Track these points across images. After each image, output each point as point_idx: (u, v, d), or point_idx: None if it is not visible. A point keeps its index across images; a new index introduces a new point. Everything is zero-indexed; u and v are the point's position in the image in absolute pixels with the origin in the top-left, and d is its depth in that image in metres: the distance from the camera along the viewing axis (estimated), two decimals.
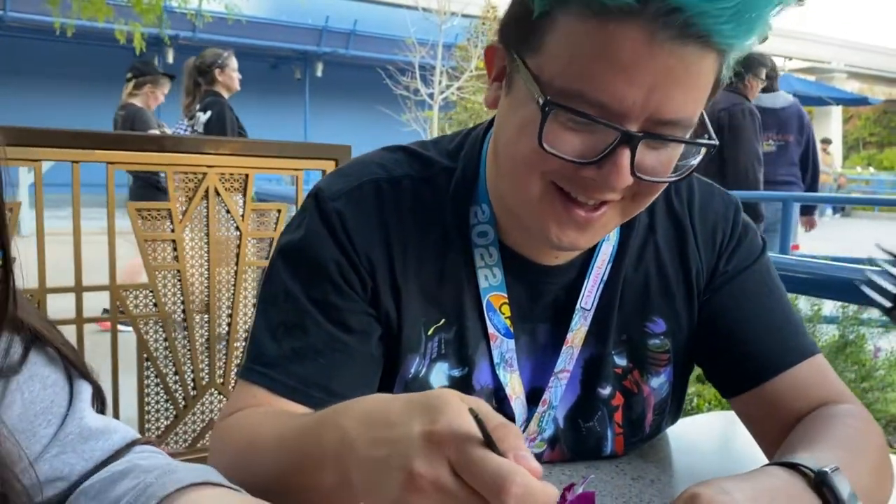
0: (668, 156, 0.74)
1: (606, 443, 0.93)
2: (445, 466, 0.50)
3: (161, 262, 1.59)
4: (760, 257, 0.93)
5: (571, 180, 0.73)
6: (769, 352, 0.87)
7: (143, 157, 1.59)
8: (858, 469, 0.70)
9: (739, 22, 0.65)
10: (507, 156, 0.79)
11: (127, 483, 0.64)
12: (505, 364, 0.87)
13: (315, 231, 0.84)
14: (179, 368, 1.64)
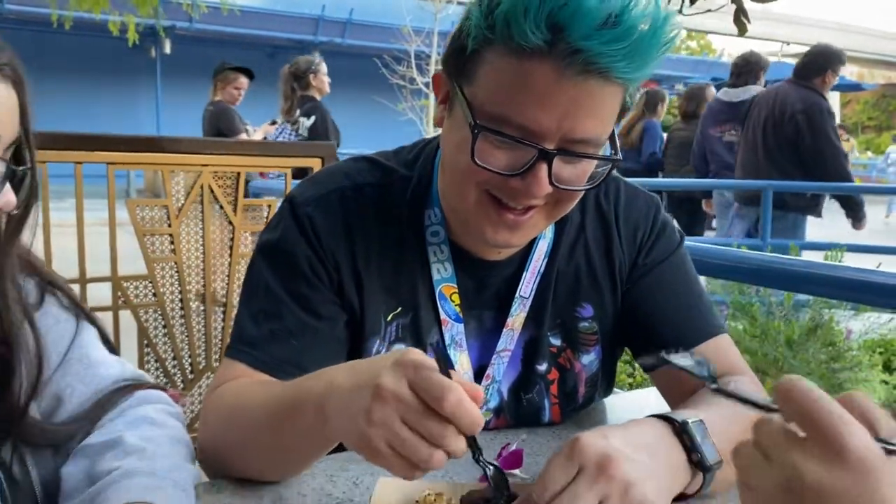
0: (581, 168, 0.88)
1: (544, 412, 1.07)
2: (405, 384, 0.67)
3: (159, 254, 1.71)
4: (676, 251, 1.07)
5: (501, 189, 0.87)
6: (678, 333, 1.02)
7: (141, 157, 1.71)
8: (729, 425, 0.84)
9: (631, 60, 0.79)
10: (449, 169, 0.94)
11: (108, 460, 0.77)
12: (455, 345, 1.01)
13: (289, 232, 0.99)
14: (178, 354, 1.77)
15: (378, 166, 1.05)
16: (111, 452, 0.77)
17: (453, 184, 0.94)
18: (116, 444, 0.78)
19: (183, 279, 1.75)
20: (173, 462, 0.79)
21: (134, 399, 0.87)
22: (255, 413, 0.85)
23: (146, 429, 0.82)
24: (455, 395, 0.65)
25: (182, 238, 1.74)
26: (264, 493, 0.86)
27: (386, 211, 1.01)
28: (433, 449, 0.66)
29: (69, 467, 0.79)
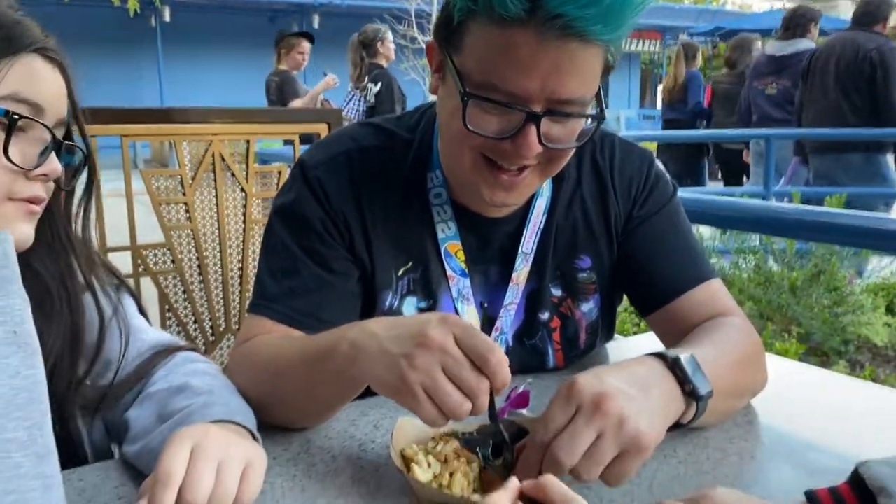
0: (569, 127, 0.92)
1: (548, 357, 1.14)
2: (451, 337, 0.73)
3: (175, 223, 1.78)
4: (669, 202, 1.13)
5: (494, 151, 0.93)
6: (671, 279, 1.08)
7: (153, 128, 1.77)
8: (719, 359, 0.91)
9: (606, 23, 0.84)
10: (445, 135, 1.00)
11: (180, 400, 0.85)
12: (462, 298, 1.08)
13: (302, 195, 1.06)
14: (198, 318, 1.84)
15: (382, 130, 1.11)
16: (181, 395, 0.85)
17: (450, 149, 0.99)
18: (185, 388, 0.86)
19: (199, 246, 1.81)
20: (239, 402, 0.87)
21: (179, 358, 0.95)
22: (285, 362, 0.92)
23: (207, 378, 0.90)
24: (499, 354, 0.72)
25: (196, 206, 1.80)
26: (293, 437, 0.94)
27: (390, 172, 1.07)
28: (465, 400, 0.72)
29: (135, 411, 0.87)
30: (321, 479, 0.84)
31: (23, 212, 0.79)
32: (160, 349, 0.96)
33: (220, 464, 0.68)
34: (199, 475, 0.66)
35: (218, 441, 0.70)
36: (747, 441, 0.95)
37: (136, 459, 0.83)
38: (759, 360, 1.04)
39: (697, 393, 0.82)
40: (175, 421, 0.81)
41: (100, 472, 0.85)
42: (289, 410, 0.94)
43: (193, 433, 0.69)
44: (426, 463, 0.79)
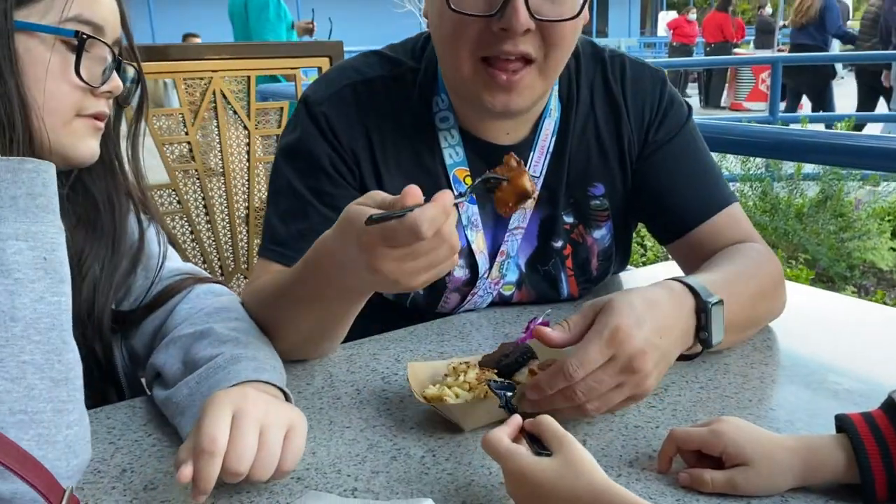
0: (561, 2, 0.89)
1: (562, 284, 1.14)
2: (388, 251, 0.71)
3: (179, 163, 1.75)
4: (685, 126, 1.10)
5: (487, 42, 0.89)
6: (691, 206, 1.06)
7: (153, 66, 1.72)
8: (741, 293, 0.92)
9: None
10: (440, 45, 0.97)
11: (205, 348, 0.84)
12: (471, 225, 1.07)
13: (307, 132, 1.03)
14: (207, 258, 1.83)
15: (386, 59, 1.08)
16: (205, 341, 0.84)
17: (448, 58, 0.96)
18: (209, 334, 0.85)
19: (204, 185, 1.79)
20: (267, 351, 0.86)
21: (203, 291, 0.94)
22: (285, 286, 0.91)
23: (230, 321, 0.89)
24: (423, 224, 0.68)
25: (200, 145, 1.77)
26: (316, 372, 0.95)
27: (397, 101, 1.05)
28: (443, 246, 0.72)
29: (161, 356, 0.86)
30: (347, 411, 0.85)
31: (90, 127, 0.81)
32: (181, 276, 0.96)
33: (263, 428, 0.67)
34: (243, 443, 0.64)
35: (258, 405, 0.68)
36: (767, 366, 0.96)
37: (163, 406, 0.83)
38: (779, 287, 1.04)
39: (708, 342, 0.83)
40: (201, 375, 0.80)
41: (127, 410, 0.86)
42: (300, 334, 0.92)
43: (233, 397, 0.68)
44: (454, 395, 0.80)
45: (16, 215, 0.63)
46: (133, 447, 0.78)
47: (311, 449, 0.77)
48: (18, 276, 0.62)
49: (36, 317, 0.63)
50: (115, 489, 0.70)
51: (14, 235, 0.63)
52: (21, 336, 0.62)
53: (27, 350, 0.62)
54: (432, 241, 0.71)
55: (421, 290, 1.09)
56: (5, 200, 0.63)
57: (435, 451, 0.76)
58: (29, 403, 0.61)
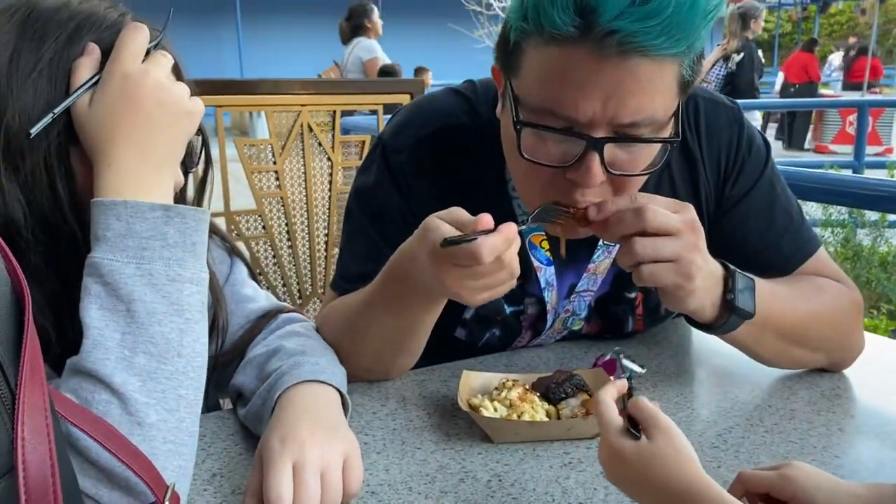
0: (638, 153, 0.85)
1: (627, 325, 1.16)
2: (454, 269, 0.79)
3: (266, 190, 1.85)
4: (763, 173, 1.05)
5: (558, 190, 0.86)
6: (774, 262, 1.03)
7: (246, 99, 1.84)
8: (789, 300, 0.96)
9: (670, 35, 0.75)
10: (511, 168, 0.96)
11: (275, 362, 0.91)
12: (549, 287, 1.08)
13: (382, 181, 1.05)
14: (287, 281, 1.92)
15: (469, 104, 1.05)
16: (275, 357, 0.91)
17: (519, 185, 0.96)
18: (279, 350, 0.92)
19: (288, 212, 1.89)
20: (331, 359, 0.93)
21: (280, 320, 1.01)
22: (358, 303, 0.96)
23: (301, 339, 0.95)
24: (483, 251, 0.75)
25: (286, 174, 1.87)
26: (389, 394, 1.00)
27: (476, 155, 1.03)
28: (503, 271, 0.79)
29: (240, 378, 0.93)
30: (418, 433, 0.89)
31: None
32: (264, 314, 1.02)
33: (323, 471, 0.71)
34: (307, 494, 0.69)
35: (313, 451, 0.72)
36: (835, 413, 0.96)
37: (245, 420, 0.90)
38: (850, 321, 1.02)
39: (734, 303, 0.88)
40: (269, 383, 0.86)
41: (217, 421, 0.93)
42: (373, 354, 0.97)
43: (291, 448, 0.72)
44: (492, 408, 0.86)
45: (194, 260, 0.71)
46: (222, 454, 0.85)
47: (384, 466, 0.81)
48: (188, 317, 0.70)
49: (194, 355, 0.70)
50: (207, 491, 0.77)
51: (191, 279, 0.70)
52: (182, 372, 0.69)
53: (185, 385, 0.69)
54: (492, 266, 0.77)
55: (497, 332, 1.13)
56: (188, 246, 0.70)
57: (501, 476, 0.80)
58: (178, 435, 0.68)
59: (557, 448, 0.85)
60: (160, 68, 0.74)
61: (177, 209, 0.70)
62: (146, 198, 0.70)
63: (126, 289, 0.67)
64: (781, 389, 1.02)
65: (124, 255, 0.68)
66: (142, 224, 0.69)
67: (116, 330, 0.66)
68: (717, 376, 1.11)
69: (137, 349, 0.67)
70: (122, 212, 0.69)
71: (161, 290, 0.68)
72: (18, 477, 0.47)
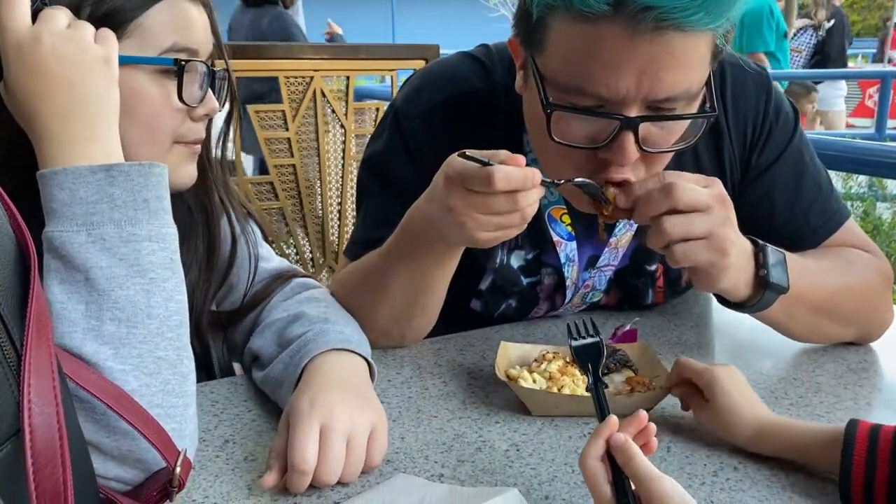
0: (672, 127, 0.82)
1: (647, 296, 1.14)
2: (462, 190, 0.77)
3: (279, 158, 1.83)
4: (791, 141, 1.01)
5: (590, 170, 0.83)
6: (802, 234, 1.00)
7: (258, 64, 1.81)
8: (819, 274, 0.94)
9: (709, 11, 0.71)
10: (537, 146, 0.92)
11: (297, 328, 0.89)
12: (570, 262, 1.06)
13: (394, 147, 1.02)
14: (299, 249, 1.91)
15: (484, 69, 1.02)
16: (297, 322, 0.89)
17: (546, 165, 0.89)
18: (301, 317, 0.90)
19: (300, 181, 1.86)
20: (354, 327, 0.91)
21: (295, 284, 0.99)
22: (373, 260, 0.95)
23: (321, 305, 0.94)
24: (497, 173, 0.73)
25: (298, 142, 1.84)
26: (405, 362, 0.98)
27: (491, 126, 0.98)
28: (518, 211, 0.76)
29: (257, 340, 0.92)
30: (434, 401, 0.87)
31: (188, 153, 0.83)
32: (278, 275, 1.01)
33: (349, 437, 0.71)
34: (331, 456, 0.69)
35: (342, 416, 0.72)
36: (862, 387, 0.93)
37: (262, 384, 0.88)
38: (880, 294, 1.00)
39: (767, 278, 0.85)
40: (293, 349, 0.85)
41: (229, 386, 0.91)
42: (390, 311, 0.95)
43: (321, 411, 0.72)
44: (531, 380, 0.84)
45: (148, 217, 0.67)
46: (234, 420, 0.83)
47: (400, 434, 0.80)
48: (153, 276, 0.66)
49: (168, 314, 0.67)
50: (219, 458, 0.75)
51: (148, 237, 0.67)
52: (156, 333, 0.66)
53: (161, 346, 0.66)
54: (505, 202, 0.75)
55: (513, 302, 1.10)
56: (139, 203, 0.67)
57: (519, 445, 0.78)
58: (165, 398, 0.66)
59: (577, 418, 0.83)
60: (53, 23, 0.69)
61: (119, 168, 0.66)
62: (85, 160, 0.67)
63: (80, 258, 0.64)
64: (806, 362, 1.00)
65: (73, 224, 0.64)
66: (85, 189, 0.65)
67: (80, 301, 0.64)
68: (740, 349, 1.08)
69: (104, 317, 0.64)
70: (63, 180, 0.65)
71: (116, 252, 0.65)
72: (25, 439, 0.45)
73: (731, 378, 0.78)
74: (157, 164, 0.69)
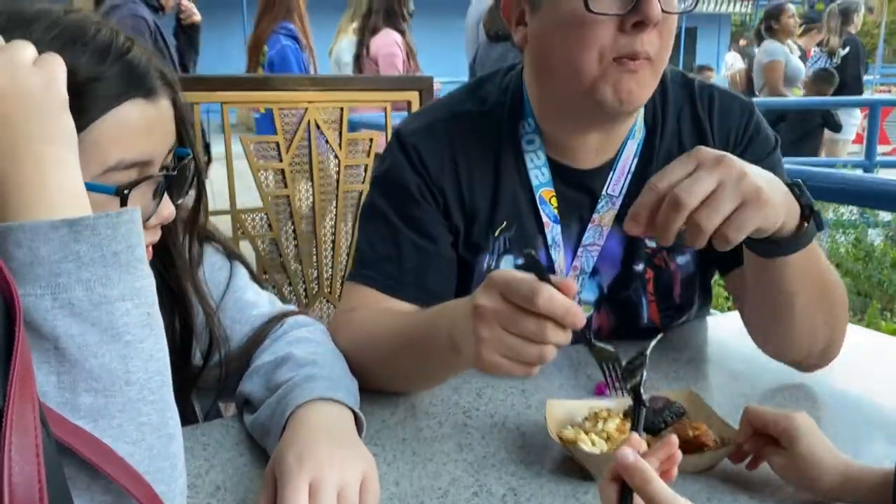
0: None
1: (642, 308, 1.13)
2: (497, 296, 0.73)
3: (272, 188, 1.82)
4: (769, 157, 1.08)
5: (620, 43, 0.91)
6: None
7: (253, 96, 1.81)
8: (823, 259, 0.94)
9: None
10: (563, 56, 0.97)
11: (285, 372, 0.86)
12: (555, 245, 1.09)
13: (398, 163, 1.08)
14: (293, 280, 1.89)
15: (476, 96, 1.13)
16: (285, 366, 0.87)
17: (571, 67, 0.95)
18: (288, 359, 0.88)
19: (295, 211, 1.86)
20: (342, 371, 0.89)
21: (287, 325, 0.97)
22: (391, 342, 0.93)
23: (310, 346, 0.92)
24: (544, 291, 0.70)
25: (292, 172, 1.84)
26: (399, 403, 0.96)
27: (485, 133, 1.09)
28: (540, 346, 0.72)
29: (247, 386, 0.90)
30: (429, 444, 0.86)
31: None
32: (270, 319, 0.99)
33: (340, 490, 0.68)
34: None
35: (332, 470, 0.70)
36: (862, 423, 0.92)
37: (251, 430, 0.87)
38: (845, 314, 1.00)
39: (810, 203, 0.86)
40: (279, 394, 0.83)
41: (221, 429, 0.90)
42: (394, 383, 0.97)
43: (309, 466, 0.70)
44: (590, 441, 0.79)
45: (120, 273, 0.60)
46: (226, 465, 0.81)
47: (394, 479, 0.78)
48: (129, 339, 0.60)
49: (148, 377, 0.62)
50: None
51: (121, 296, 0.60)
52: (137, 399, 0.61)
53: (144, 412, 0.61)
54: (533, 326, 0.71)
55: None
56: (109, 259, 0.60)
57: (516, 490, 0.76)
58: (151, 463, 0.61)
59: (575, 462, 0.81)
60: None
61: (84, 222, 0.59)
62: (41, 207, 0.59)
63: (48, 326, 0.57)
64: (805, 398, 0.99)
65: (36, 287, 0.57)
66: (47, 247, 0.57)
67: (50, 372, 0.57)
68: (737, 382, 1.06)
69: (78, 388, 0.58)
70: (21, 238, 0.57)
71: (87, 317, 0.58)
72: (4, 499, 0.44)
73: (809, 423, 0.73)
74: (125, 210, 0.62)
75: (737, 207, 0.76)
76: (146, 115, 0.73)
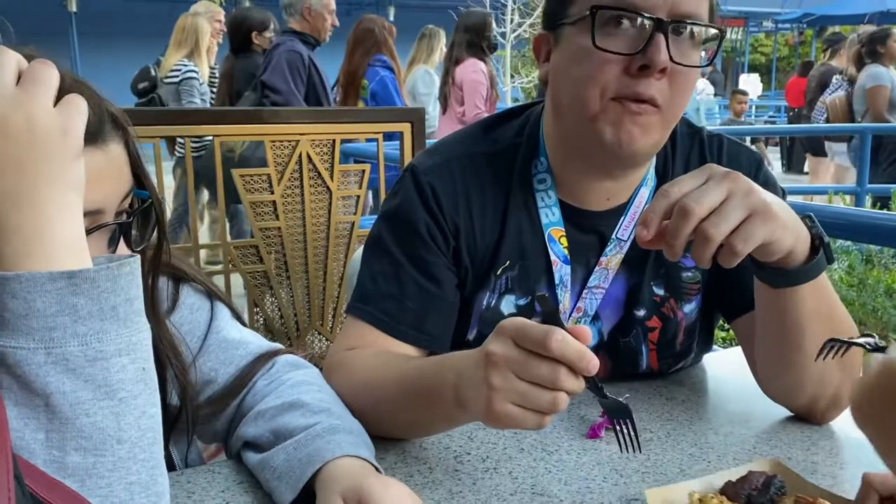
0: (690, 46, 0.95)
1: (641, 357, 1.12)
2: (510, 343, 0.73)
3: (264, 221, 1.82)
4: None
5: (624, 83, 0.93)
6: None
7: (244, 129, 1.81)
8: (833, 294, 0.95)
9: None
10: (570, 90, 0.99)
11: (296, 418, 0.84)
12: (563, 285, 1.07)
13: (410, 199, 1.06)
14: (285, 313, 1.88)
15: (490, 134, 1.12)
16: (297, 412, 0.85)
17: (577, 103, 0.97)
18: (299, 405, 0.86)
19: (285, 243, 1.85)
20: (358, 426, 0.86)
21: (279, 365, 0.95)
22: (388, 391, 0.92)
23: (314, 390, 0.90)
24: (557, 335, 0.69)
25: (284, 204, 1.83)
26: (389, 447, 0.94)
27: (496, 172, 1.08)
28: (552, 392, 0.71)
29: (250, 429, 0.87)
30: (419, 490, 0.84)
31: None
32: (258, 357, 0.97)
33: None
34: None
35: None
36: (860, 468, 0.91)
37: (256, 469, 0.84)
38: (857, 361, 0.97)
39: (821, 234, 0.87)
40: (298, 440, 0.80)
41: (206, 475, 0.88)
42: (389, 430, 0.95)
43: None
44: None
45: (117, 327, 0.59)
46: None
47: None
48: (123, 396, 0.59)
49: (140, 434, 0.60)
50: None
51: (118, 352, 0.58)
52: (128, 458, 0.59)
53: (133, 471, 0.59)
54: (546, 371, 0.70)
55: None
56: (106, 313, 0.58)
57: None
58: None
59: None
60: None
61: (84, 274, 0.57)
62: (38, 259, 0.57)
63: (40, 381, 0.55)
64: (801, 440, 0.98)
65: (29, 340, 0.55)
66: (44, 299, 0.55)
67: (38, 429, 0.55)
68: (733, 424, 1.05)
69: (67, 447, 0.56)
70: (17, 288, 0.55)
71: (81, 374, 0.56)
72: None
73: None
74: (126, 262, 0.60)
75: (745, 219, 0.78)
76: (94, 163, 0.70)
